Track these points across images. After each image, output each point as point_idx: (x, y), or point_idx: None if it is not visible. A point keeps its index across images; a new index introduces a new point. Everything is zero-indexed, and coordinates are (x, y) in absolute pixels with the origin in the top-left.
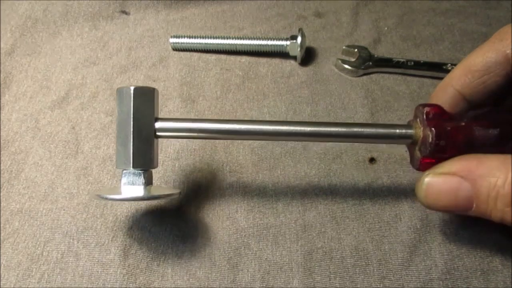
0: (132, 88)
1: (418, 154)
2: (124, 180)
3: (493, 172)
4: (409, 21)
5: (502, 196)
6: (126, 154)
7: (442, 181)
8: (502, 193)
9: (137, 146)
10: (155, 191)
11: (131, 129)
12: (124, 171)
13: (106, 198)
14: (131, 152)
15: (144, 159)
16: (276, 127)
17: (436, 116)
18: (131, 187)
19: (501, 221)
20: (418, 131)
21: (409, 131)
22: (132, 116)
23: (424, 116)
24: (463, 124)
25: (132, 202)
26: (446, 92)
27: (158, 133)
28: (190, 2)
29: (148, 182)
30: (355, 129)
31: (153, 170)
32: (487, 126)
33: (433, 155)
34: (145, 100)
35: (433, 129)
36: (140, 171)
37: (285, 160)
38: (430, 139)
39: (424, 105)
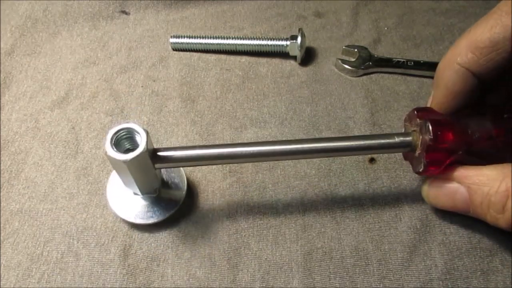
0: (126, 161)
1: (419, 158)
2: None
3: (487, 181)
4: (409, 21)
5: (493, 204)
6: (135, 189)
7: (441, 186)
8: (494, 201)
9: (142, 185)
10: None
11: (134, 182)
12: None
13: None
14: (138, 189)
15: (149, 189)
16: (272, 148)
17: (431, 119)
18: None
19: (495, 225)
20: (416, 135)
21: (408, 138)
22: (132, 176)
23: (418, 120)
24: (460, 125)
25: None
26: (452, 69)
27: (156, 166)
28: (190, 2)
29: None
30: (355, 142)
31: None
32: (481, 119)
33: (434, 155)
34: (139, 162)
35: (427, 122)
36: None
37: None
38: (429, 141)
39: (417, 110)
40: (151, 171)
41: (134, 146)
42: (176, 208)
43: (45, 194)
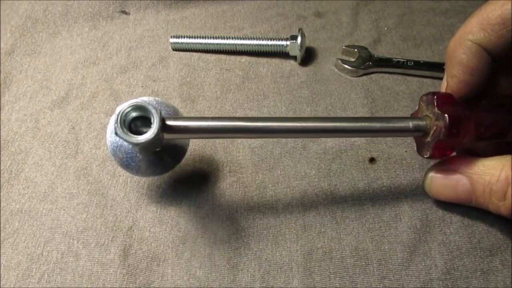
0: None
1: (429, 142)
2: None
3: (488, 171)
4: (409, 21)
5: (495, 192)
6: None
7: (443, 177)
8: (495, 189)
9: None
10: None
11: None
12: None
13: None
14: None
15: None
16: (286, 124)
17: (448, 104)
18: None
19: (497, 213)
20: (430, 121)
21: (422, 122)
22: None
23: (436, 104)
24: (474, 112)
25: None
26: (465, 46)
27: (164, 136)
28: (190, 2)
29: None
30: (367, 124)
31: None
32: (496, 107)
33: (445, 141)
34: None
35: (446, 116)
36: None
37: (285, 160)
38: (444, 127)
39: (434, 93)
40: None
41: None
42: (183, 156)
43: (45, 194)
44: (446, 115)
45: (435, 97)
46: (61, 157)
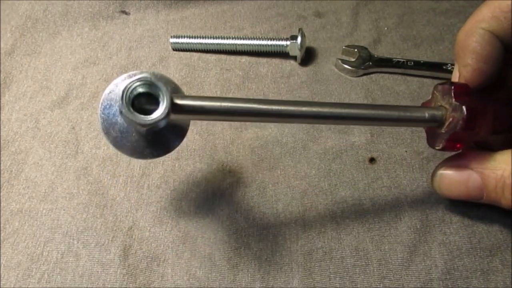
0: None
1: (442, 133)
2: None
3: (500, 164)
4: (409, 21)
5: (508, 186)
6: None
7: (454, 173)
8: (508, 183)
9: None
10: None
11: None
12: None
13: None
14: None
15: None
16: (301, 108)
17: (466, 94)
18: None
19: (510, 208)
20: (446, 112)
21: (438, 113)
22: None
23: (453, 95)
24: (491, 105)
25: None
26: (477, 34)
27: (171, 117)
28: (190, 2)
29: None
30: (384, 112)
31: (153, 170)
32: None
33: (458, 136)
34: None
35: (463, 108)
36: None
37: (285, 160)
38: (461, 119)
39: (451, 83)
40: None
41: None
42: (184, 137)
43: (45, 194)
44: (464, 106)
45: (453, 87)
46: (61, 157)
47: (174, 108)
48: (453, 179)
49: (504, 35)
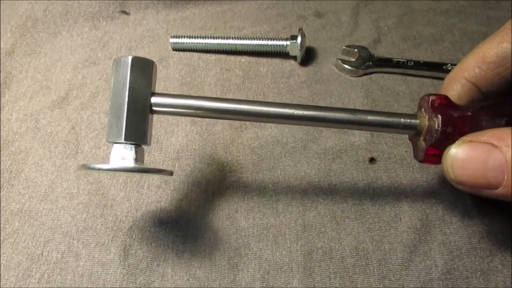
0: (130, 57)
1: (422, 144)
2: (114, 152)
3: None
4: (409, 21)
5: None
6: (119, 126)
7: (470, 148)
8: None
9: (131, 118)
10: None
11: (126, 100)
12: (115, 144)
13: (93, 168)
14: (124, 124)
15: (136, 132)
16: (277, 110)
17: (442, 105)
18: (121, 160)
19: None
20: (423, 120)
21: (414, 120)
22: (127, 87)
23: (430, 105)
24: (470, 113)
25: (123, 175)
26: (459, 83)
27: (154, 108)
28: (190, 2)
29: (139, 158)
30: (359, 116)
31: None
32: (494, 116)
33: (438, 145)
34: (142, 72)
35: (439, 115)
36: (131, 145)
37: (285, 160)
38: (436, 126)
39: (430, 94)
40: (146, 109)
41: None
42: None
43: (45, 194)
44: (439, 114)
45: (431, 97)
46: (61, 157)
47: (154, 105)
48: (469, 155)
49: (487, 85)
